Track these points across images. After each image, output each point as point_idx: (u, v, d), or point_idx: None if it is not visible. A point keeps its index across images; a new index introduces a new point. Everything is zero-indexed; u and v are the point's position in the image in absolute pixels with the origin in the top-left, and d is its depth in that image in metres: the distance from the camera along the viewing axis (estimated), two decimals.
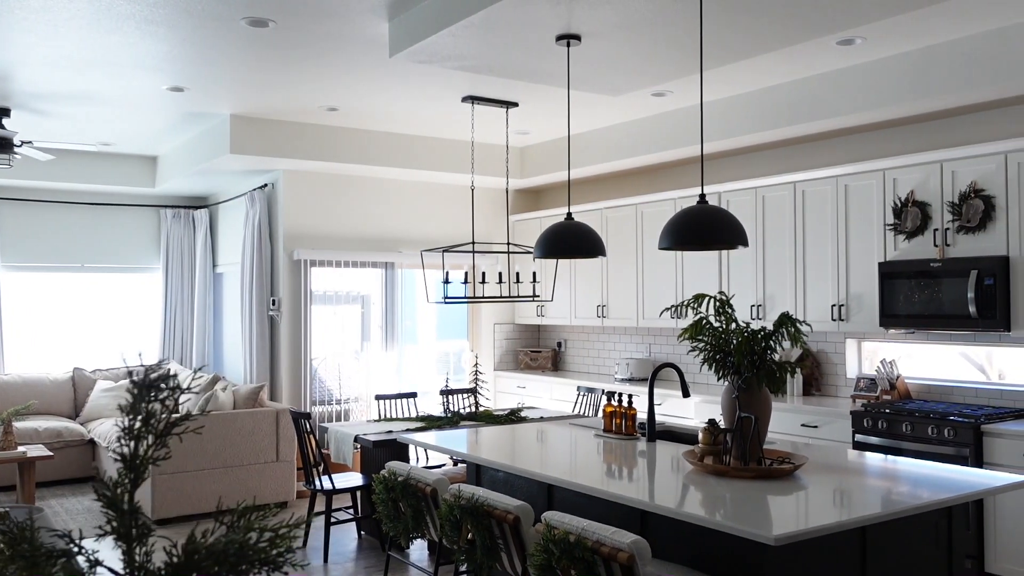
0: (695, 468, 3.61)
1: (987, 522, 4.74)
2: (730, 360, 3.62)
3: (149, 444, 1.18)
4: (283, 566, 1.11)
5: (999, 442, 4.69)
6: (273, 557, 1.06)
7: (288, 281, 7.68)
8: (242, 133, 6.87)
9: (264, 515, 1.12)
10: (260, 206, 7.79)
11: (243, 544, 1.06)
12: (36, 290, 8.79)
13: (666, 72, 4.96)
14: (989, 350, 5.39)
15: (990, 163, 4.99)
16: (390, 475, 3.99)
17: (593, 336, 8.38)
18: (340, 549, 5.74)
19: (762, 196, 6.29)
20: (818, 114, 5.60)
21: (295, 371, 7.69)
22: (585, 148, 7.42)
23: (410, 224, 8.22)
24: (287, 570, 1.13)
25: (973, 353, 5.50)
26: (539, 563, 2.96)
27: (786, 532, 2.65)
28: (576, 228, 4.37)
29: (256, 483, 6.69)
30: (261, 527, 1.09)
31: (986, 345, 5.39)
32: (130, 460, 1.19)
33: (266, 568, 1.06)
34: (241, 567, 1.04)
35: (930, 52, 4.99)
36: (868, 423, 5.28)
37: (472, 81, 5.73)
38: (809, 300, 5.97)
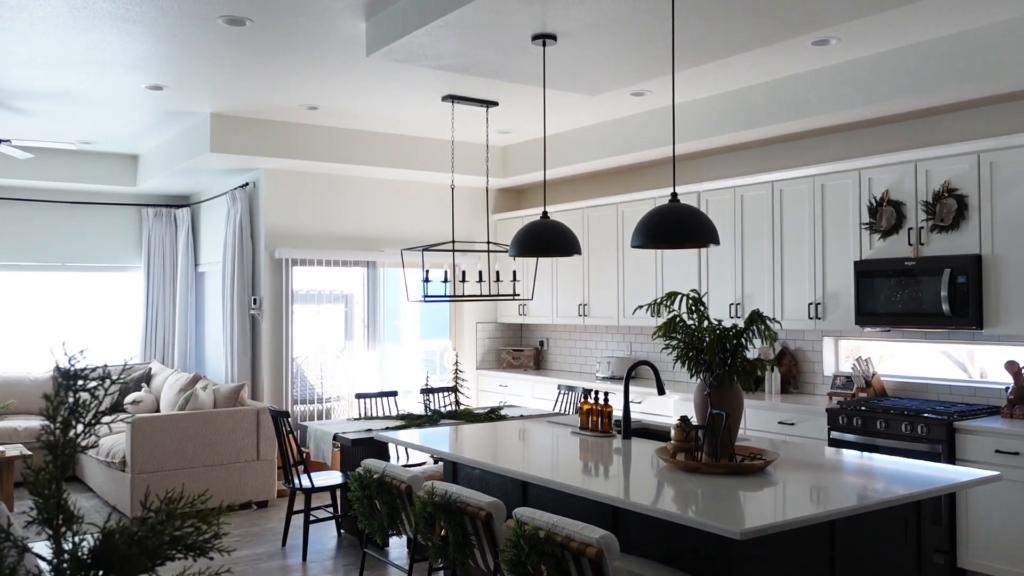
0: (668, 465, 3.64)
1: (959, 518, 4.79)
2: (702, 357, 3.65)
3: (77, 432, 1.19)
4: (208, 551, 1.12)
5: (971, 439, 4.74)
6: (199, 543, 1.07)
7: (269, 280, 7.67)
8: (222, 132, 6.87)
9: (193, 503, 1.13)
10: (241, 205, 7.78)
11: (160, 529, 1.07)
12: (16, 289, 8.75)
13: (642, 72, 4.99)
14: (970, 348, 5.44)
15: (963, 163, 5.05)
16: (365, 473, 4.00)
17: (575, 335, 8.40)
18: (319, 547, 5.74)
19: (740, 195, 6.33)
20: (794, 114, 5.65)
21: (276, 370, 7.69)
22: (566, 147, 7.44)
23: (392, 223, 8.23)
24: (212, 556, 1.14)
25: (954, 351, 5.55)
26: (510, 559, 2.98)
27: (752, 527, 2.68)
28: (551, 226, 4.40)
29: (237, 482, 6.68)
30: (185, 513, 1.10)
31: (960, 343, 5.45)
32: (56, 447, 1.20)
33: (192, 553, 1.07)
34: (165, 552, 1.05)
35: (904, 53, 5.04)
36: (843, 420, 5.32)
37: (452, 80, 5.75)
38: (786, 298, 6.02)
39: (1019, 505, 4.53)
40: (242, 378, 7.65)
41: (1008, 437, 4.59)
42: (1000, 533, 4.61)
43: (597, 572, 2.80)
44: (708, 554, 3.07)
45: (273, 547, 5.76)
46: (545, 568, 2.90)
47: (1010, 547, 4.57)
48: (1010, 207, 4.84)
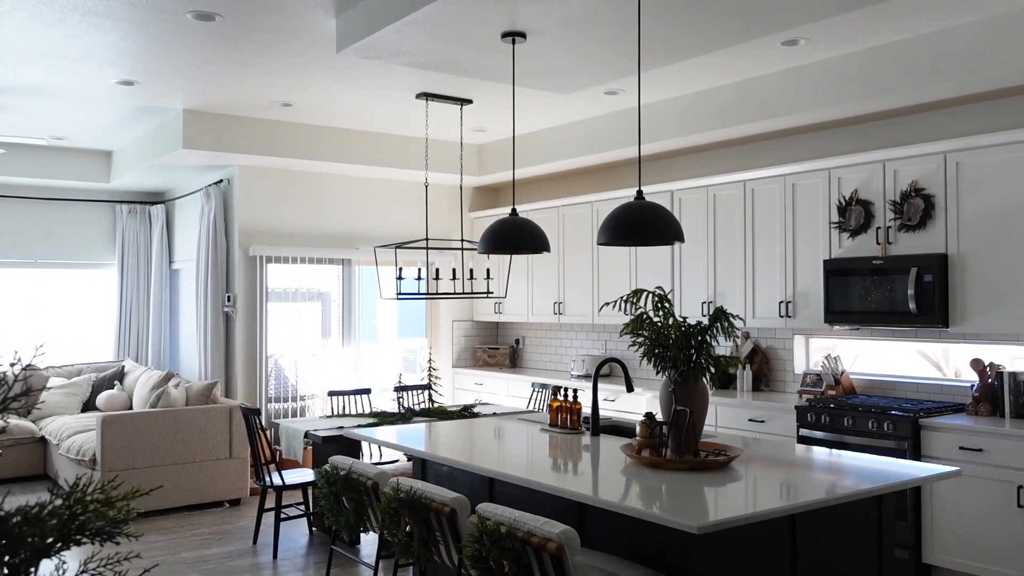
0: (633, 461, 3.66)
1: (924, 514, 4.84)
2: (668, 354, 3.67)
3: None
4: (115, 536, 1.12)
5: (936, 435, 4.79)
6: (104, 528, 1.07)
7: (244, 277, 7.64)
8: (195, 128, 6.83)
9: (103, 489, 1.13)
10: (216, 202, 7.74)
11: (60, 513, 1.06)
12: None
13: (612, 71, 5.01)
14: (945, 347, 5.49)
15: (930, 163, 5.10)
16: (332, 469, 3.99)
17: (550, 333, 8.42)
18: (290, 545, 5.73)
19: (713, 195, 6.37)
20: (765, 114, 5.68)
21: (251, 368, 7.66)
22: (540, 146, 7.46)
23: (367, 221, 8.22)
24: (119, 540, 1.14)
25: (929, 351, 5.60)
26: (472, 554, 2.99)
27: (710, 521, 2.70)
28: (519, 224, 4.41)
29: (209, 480, 6.66)
30: (94, 498, 1.10)
31: (926, 341, 5.51)
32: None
33: (99, 538, 1.07)
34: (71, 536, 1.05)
35: (872, 54, 5.08)
36: (812, 418, 5.37)
37: (426, 78, 5.75)
38: (758, 297, 6.06)
39: (982, 501, 4.59)
40: (216, 376, 7.61)
41: (972, 434, 4.65)
42: (963, 529, 4.67)
43: (558, 567, 2.81)
44: (670, 549, 3.09)
45: (244, 545, 5.74)
46: (507, 563, 2.91)
47: (973, 542, 4.63)
48: (976, 207, 4.90)
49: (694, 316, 6.30)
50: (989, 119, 5.15)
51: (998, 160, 4.80)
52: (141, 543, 5.76)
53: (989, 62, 4.58)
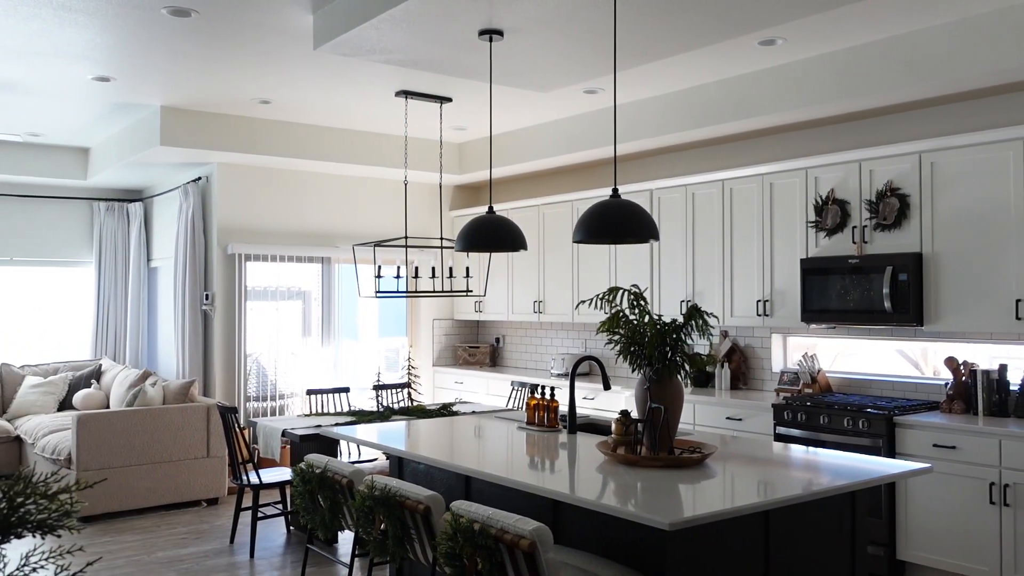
0: (608, 458, 3.67)
1: (898, 511, 4.88)
2: (643, 352, 3.68)
3: None
4: (56, 530, 1.11)
5: (911, 433, 4.83)
6: (46, 521, 1.06)
7: (222, 275, 7.60)
8: (173, 125, 6.79)
9: (46, 482, 1.12)
10: (194, 199, 7.69)
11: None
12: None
13: (590, 69, 5.02)
14: (923, 346, 5.54)
15: (905, 163, 5.14)
16: (307, 467, 3.98)
17: (531, 332, 8.43)
18: (268, 544, 5.70)
19: (692, 193, 6.39)
20: (743, 113, 5.71)
21: (229, 366, 7.62)
22: (521, 144, 7.46)
23: (347, 219, 8.19)
24: (60, 533, 1.14)
25: (908, 349, 5.65)
26: (445, 551, 2.98)
27: (681, 518, 2.71)
28: (496, 221, 4.41)
29: (186, 479, 6.61)
30: (36, 492, 1.09)
31: (902, 340, 5.55)
32: None
33: (40, 531, 1.06)
34: (11, 529, 1.04)
35: (848, 54, 5.12)
36: (788, 416, 5.40)
37: (405, 76, 5.73)
38: (736, 295, 6.09)
39: (955, 498, 4.63)
40: (194, 375, 7.56)
41: (946, 431, 4.69)
42: (937, 525, 4.71)
43: (530, 564, 2.81)
44: (644, 546, 3.10)
45: (221, 544, 5.71)
46: (480, 560, 2.91)
47: (947, 539, 4.67)
48: (950, 206, 4.94)
49: (673, 315, 6.32)
50: (963, 120, 5.19)
51: (972, 160, 4.84)
52: (116, 542, 5.72)
53: (963, 63, 4.62)
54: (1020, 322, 4.64)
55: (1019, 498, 4.39)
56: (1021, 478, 4.38)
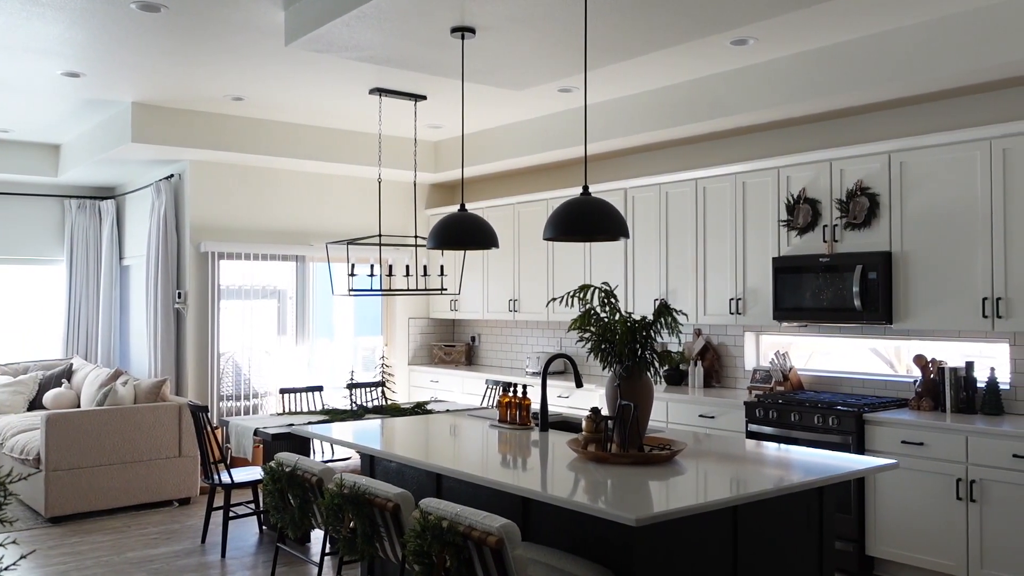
0: (579, 456, 3.67)
1: (867, 507, 4.92)
2: (614, 349, 3.70)
3: None
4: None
5: (879, 430, 4.88)
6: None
7: (195, 274, 7.54)
8: (144, 122, 6.72)
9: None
10: (166, 197, 7.62)
11: None
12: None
13: (563, 68, 5.02)
14: (897, 345, 5.58)
15: (875, 162, 5.19)
16: (277, 466, 3.96)
17: (506, 330, 8.43)
18: (240, 544, 5.66)
19: (665, 192, 6.42)
20: (715, 113, 5.74)
21: (202, 365, 7.56)
22: (495, 143, 7.46)
23: (321, 217, 8.15)
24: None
25: (882, 348, 5.69)
26: (414, 549, 2.98)
27: (648, 514, 2.72)
28: (467, 219, 4.40)
29: (157, 479, 6.56)
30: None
31: (872, 338, 5.60)
32: None
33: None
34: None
35: (819, 54, 5.15)
36: (760, 413, 5.43)
37: (379, 73, 5.71)
38: (709, 294, 6.12)
39: (923, 494, 4.68)
40: (166, 374, 7.50)
41: (914, 428, 4.74)
42: (905, 521, 4.76)
43: (498, 561, 2.81)
44: (613, 542, 3.11)
45: (192, 544, 5.67)
46: (448, 557, 2.91)
47: (914, 534, 4.72)
48: (918, 205, 4.99)
49: (647, 313, 6.34)
50: (932, 120, 5.25)
51: (940, 160, 4.90)
52: (86, 543, 5.66)
53: (931, 64, 4.67)
54: (987, 320, 4.70)
55: (985, 494, 4.45)
56: (987, 474, 4.44)
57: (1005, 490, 4.38)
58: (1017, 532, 4.33)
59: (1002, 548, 4.38)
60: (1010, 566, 4.35)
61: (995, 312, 4.66)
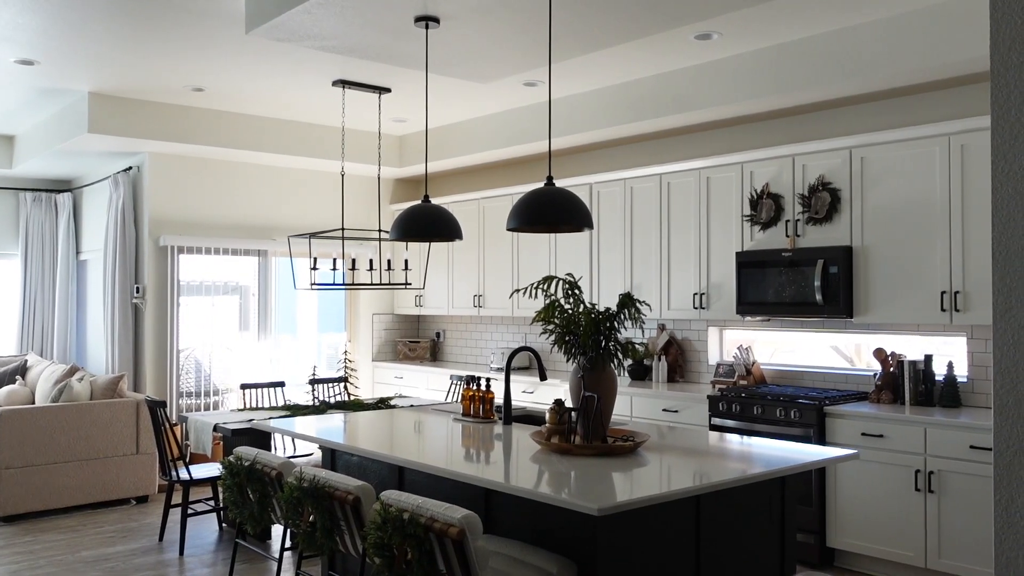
0: (542, 447, 3.65)
1: (828, 499, 4.97)
2: (578, 341, 3.68)
3: None
4: None
5: (840, 422, 4.92)
6: None
7: (154, 268, 7.40)
8: (102, 112, 6.58)
9: None
10: (124, 190, 7.48)
11: None
12: None
13: (527, 60, 5.00)
14: (857, 342, 5.64)
15: (836, 157, 5.24)
16: (236, 460, 3.89)
17: (471, 326, 8.39)
18: (199, 541, 5.57)
19: (630, 187, 6.42)
20: (680, 107, 5.75)
21: (161, 361, 7.42)
22: (460, 137, 7.42)
23: (284, 211, 8.05)
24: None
25: (842, 345, 5.74)
26: (374, 541, 2.94)
27: (610, 504, 2.70)
28: (431, 210, 4.36)
29: (114, 476, 6.43)
30: None
31: (833, 331, 5.66)
32: None
33: None
34: None
35: (782, 50, 5.19)
36: (723, 407, 5.46)
37: (343, 65, 5.65)
38: (673, 288, 6.14)
39: (882, 485, 4.73)
40: (123, 370, 7.35)
41: (873, 420, 4.79)
42: (865, 512, 4.80)
43: (459, 552, 2.78)
44: (575, 533, 3.09)
45: (150, 542, 5.56)
46: (409, 550, 2.87)
47: (874, 525, 4.76)
48: (878, 200, 5.04)
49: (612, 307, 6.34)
50: (892, 116, 5.31)
51: (900, 155, 4.95)
52: (39, 542, 5.53)
53: (892, 60, 4.72)
54: (945, 313, 4.75)
55: (943, 484, 4.50)
56: (945, 465, 4.49)
57: (963, 481, 4.44)
58: (974, 522, 4.39)
59: (959, 538, 4.44)
60: (967, 555, 4.41)
61: (953, 306, 4.72)
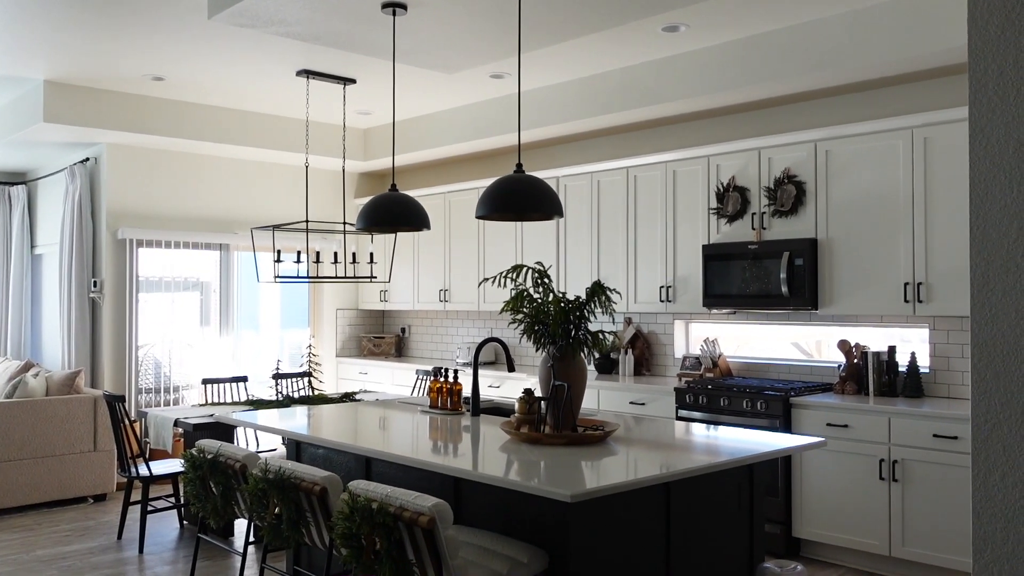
0: (512, 437, 3.62)
1: (794, 489, 5.00)
2: (548, 330, 3.65)
3: None
4: None
5: (805, 413, 4.96)
6: None
7: (112, 261, 7.24)
8: (58, 100, 6.42)
9: None
10: (81, 181, 7.30)
11: None
12: None
13: (495, 50, 4.96)
14: (818, 339, 5.68)
15: (802, 151, 5.27)
16: (198, 453, 3.80)
17: (436, 321, 8.34)
18: (159, 539, 5.45)
19: (597, 181, 6.41)
20: (647, 100, 5.76)
21: (119, 357, 7.26)
22: (426, 130, 7.36)
23: (246, 205, 7.92)
24: None
25: (803, 342, 5.78)
26: (342, 532, 2.88)
27: (583, 490, 2.68)
28: (398, 199, 4.30)
29: (71, 474, 6.27)
30: None
31: (798, 324, 5.70)
32: None
33: None
34: None
35: (748, 43, 5.21)
36: (690, 399, 5.47)
37: (307, 54, 5.56)
38: (640, 282, 6.14)
39: (847, 474, 4.77)
40: (80, 366, 7.18)
41: (839, 411, 4.82)
42: (831, 502, 4.84)
43: (430, 541, 2.74)
44: (546, 522, 3.06)
45: (108, 540, 5.43)
46: (378, 540, 2.82)
47: (840, 515, 4.80)
48: (843, 193, 5.09)
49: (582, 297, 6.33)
50: (857, 109, 5.36)
51: (864, 148, 5.00)
52: None
53: (856, 53, 4.76)
54: (908, 304, 4.81)
55: (907, 473, 4.55)
56: (909, 454, 4.54)
57: (926, 469, 4.49)
58: (937, 510, 4.44)
59: (923, 525, 4.49)
60: (930, 543, 4.46)
61: (916, 297, 4.78)
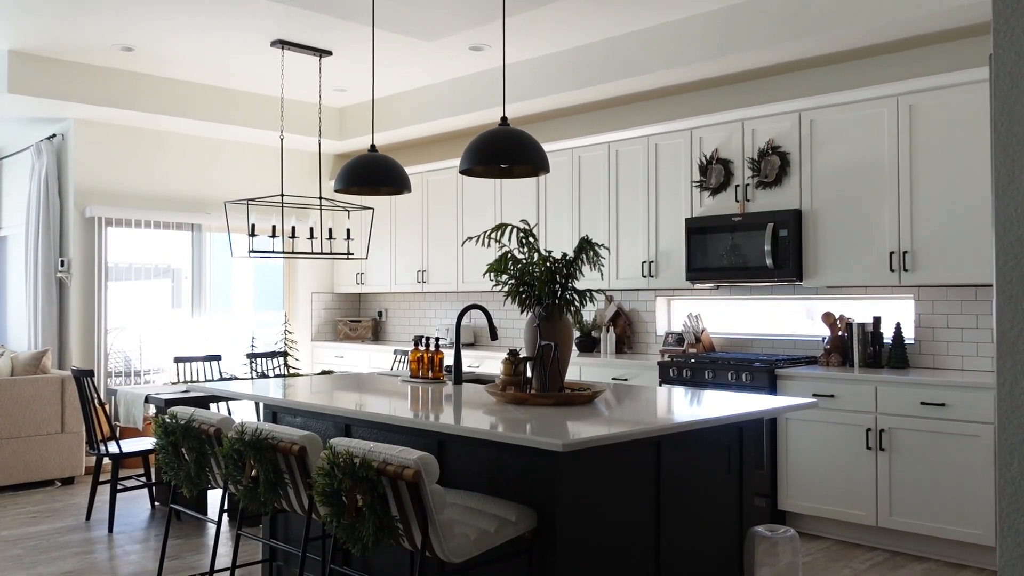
0: (497, 399, 3.52)
1: (780, 463, 4.94)
2: (534, 292, 3.56)
3: None
4: None
5: (791, 383, 4.90)
6: None
7: (80, 240, 7.04)
8: (22, 71, 6.22)
9: None
10: (48, 158, 7.10)
11: None
12: None
13: (475, 15, 4.86)
14: (808, 303, 5.63)
15: (785, 121, 5.22)
16: (171, 419, 3.66)
17: (414, 303, 8.21)
18: (129, 519, 5.29)
19: (579, 156, 6.33)
20: (629, 72, 5.68)
21: (88, 337, 7.06)
22: (404, 108, 7.23)
23: (219, 183, 7.75)
24: None
25: (788, 307, 5.74)
26: (322, 489, 2.76)
27: (575, 439, 2.58)
28: (378, 159, 4.18)
29: (37, 456, 6.08)
30: None
31: (782, 297, 5.65)
32: None
33: None
34: None
35: (733, 11, 5.15)
36: (674, 372, 5.40)
37: (283, 22, 5.41)
38: (622, 258, 6.06)
39: (833, 444, 4.72)
40: (48, 346, 6.98)
41: (825, 381, 4.78)
42: (817, 474, 4.79)
43: (415, 496, 2.63)
44: (534, 480, 2.96)
45: (76, 521, 5.26)
46: (360, 496, 2.70)
47: (826, 487, 4.75)
48: (827, 163, 5.04)
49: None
50: (840, 79, 5.32)
51: (848, 117, 4.95)
52: None
53: (838, 22, 4.71)
54: (893, 273, 4.77)
55: (893, 442, 4.51)
56: (896, 423, 4.50)
57: (913, 437, 4.45)
58: (924, 478, 4.40)
59: (910, 494, 4.45)
60: (917, 512, 4.42)
61: (901, 265, 4.74)
